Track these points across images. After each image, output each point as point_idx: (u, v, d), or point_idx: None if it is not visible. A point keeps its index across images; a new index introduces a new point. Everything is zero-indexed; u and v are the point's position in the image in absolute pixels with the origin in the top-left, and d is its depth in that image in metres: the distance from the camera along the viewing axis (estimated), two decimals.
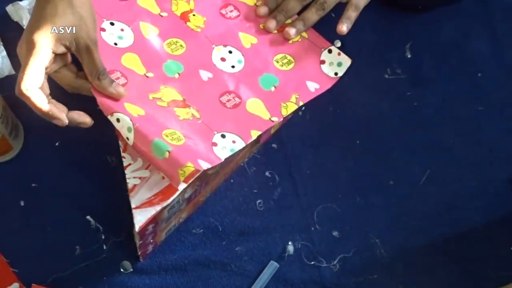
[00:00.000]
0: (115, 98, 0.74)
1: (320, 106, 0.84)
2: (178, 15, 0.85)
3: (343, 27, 0.85)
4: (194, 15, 0.86)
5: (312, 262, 0.85)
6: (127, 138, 0.73)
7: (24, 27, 0.90)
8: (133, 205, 0.73)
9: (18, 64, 0.89)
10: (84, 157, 0.86)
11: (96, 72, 0.72)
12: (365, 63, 0.93)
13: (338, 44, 0.92)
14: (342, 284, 0.84)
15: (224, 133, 0.77)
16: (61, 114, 0.71)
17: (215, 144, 0.76)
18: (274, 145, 0.89)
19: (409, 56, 0.95)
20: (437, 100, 0.93)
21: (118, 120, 0.73)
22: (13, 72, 0.89)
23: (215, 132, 0.77)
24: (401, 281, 0.85)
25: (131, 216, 0.73)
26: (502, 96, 0.94)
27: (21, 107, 0.87)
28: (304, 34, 0.88)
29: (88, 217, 0.84)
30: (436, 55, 0.95)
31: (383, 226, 0.87)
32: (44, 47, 0.69)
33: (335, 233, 0.86)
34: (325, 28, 0.94)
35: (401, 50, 0.95)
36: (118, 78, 0.76)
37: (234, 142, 0.76)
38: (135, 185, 0.74)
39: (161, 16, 0.84)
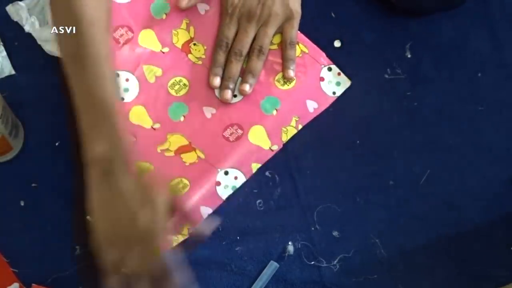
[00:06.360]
0: None
1: None
2: (179, 48, 0.86)
3: (290, 72, 0.85)
4: (194, 44, 0.87)
5: (312, 262, 0.85)
6: None
7: (24, 27, 0.90)
8: None
9: (18, 64, 0.90)
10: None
11: None
12: (365, 63, 0.93)
13: (338, 44, 0.92)
14: (342, 284, 0.84)
15: (227, 170, 0.81)
16: None
17: (218, 184, 0.81)
18: None
19: (409, 56, 0.95)
20: (437, 100, 0.93)
21: None
22: (13, 72, 0.89)
23: (219, 170, 0.81)
24: (401, 281, 0.85)
25: None
26: (502, 96, 0.94)
27: (21, 107, 0.87)
28: (304, 48, 0.88)
29: (88, 217, 0.83)
30: (436, 55, 0.95)
31: (383, 226, 0.87)
32: None
33: (335, 233, 0.86)
34: (325, 27, 0.94)
35: (401, 50, 0.95)
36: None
37: (236, 178, 0.80)
38: None
39: (163, 52, 0.85)
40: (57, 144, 0.87)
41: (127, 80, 0.82)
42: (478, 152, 0.91)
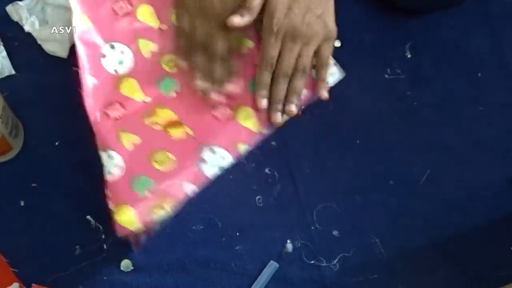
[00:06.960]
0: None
1: (320, 105, 0.84)
2: None
3: (324, 93, 0.83)
4: None
5: (312, 262, 0.85)
6: (109, 172, 0.76)
7: (24, 27, 0.90)
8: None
9: (18, 64, 0.90)
10: (84, 157, 0.86)
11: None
12: (365, 63, 0.93)
13: (338, 44, 0.92)
14: (342, 283, 0.84)
15: (214, 148, 0.79)
16: None
17: (204, 161, 0.79)
18: (273, 143, 0.89)
19: (409, 56, 0.95)
20: (437, 100, 0.93)
21: (109, 156, 0.77)
22: (13, 72, 0.89)
23: (205, 148, 0.79)
24: (401, 281, 0.85)
25: None
26: (502, 96, 0.94)
27: (21, 107, 0.87)
28: None
29: (88, 217, 0.84)
30: (436, 55, 0.95)
31: (383, 226, 0.87)
32: None
33: (335, 233, 0.86)
34: None
35: (401, 50, 0.95)
36: (117, 110, 0.79)
37: (223, 158, 0.78)
38: None
39: (161, 29, 0.84)
40: (57, 144, 0.87)
41: (122, 52, 0.82)
42: (478, 152, 0.91)
